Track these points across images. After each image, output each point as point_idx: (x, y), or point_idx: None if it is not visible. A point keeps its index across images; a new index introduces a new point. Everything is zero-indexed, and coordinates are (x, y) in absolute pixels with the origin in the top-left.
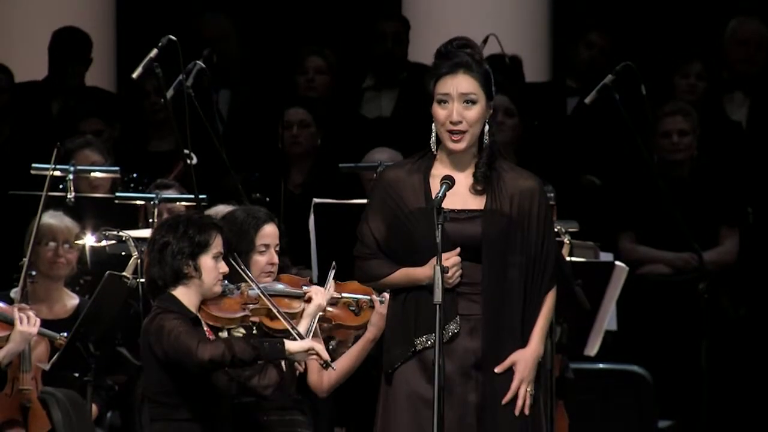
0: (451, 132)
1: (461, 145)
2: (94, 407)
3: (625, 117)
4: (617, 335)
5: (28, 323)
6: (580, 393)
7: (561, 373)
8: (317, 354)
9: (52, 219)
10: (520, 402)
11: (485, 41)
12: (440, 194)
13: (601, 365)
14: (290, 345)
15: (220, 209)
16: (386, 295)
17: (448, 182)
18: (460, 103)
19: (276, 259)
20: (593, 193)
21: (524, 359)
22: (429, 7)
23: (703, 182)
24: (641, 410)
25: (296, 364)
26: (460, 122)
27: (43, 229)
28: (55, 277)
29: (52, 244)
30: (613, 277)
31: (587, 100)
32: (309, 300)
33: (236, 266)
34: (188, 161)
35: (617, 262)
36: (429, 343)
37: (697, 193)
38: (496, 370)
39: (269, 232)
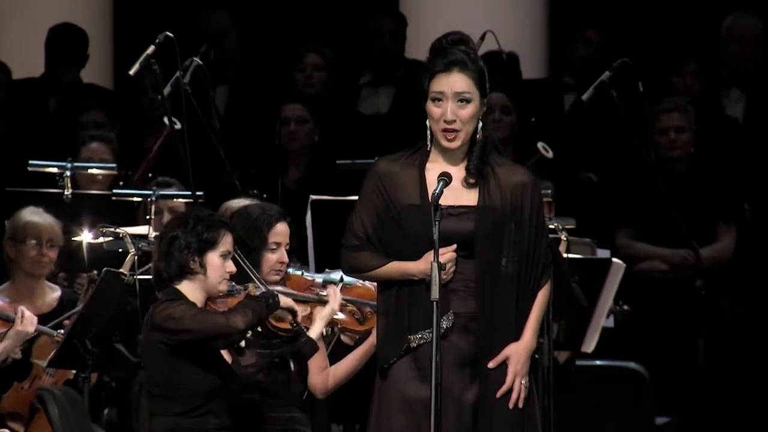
0: (445, 131)
1: (455, 144)
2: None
3: (623, 114)
4: (614, 332)
5: (23, 322)
6: (577, 390)
7: (566, 363)
8: (293, 314)
9: (34, 217)
10: (514, 395)
11: (482, 38)
12: (438, 191)
13: (598, 362)
14: (282, 299)
15: (236, 203)
16: None
17: (446, 179)
18: (454, 102)
19: (286, 258)
20: (590, 189)
21: (517, 353)
22: (426, 4)
23: (700, 179)
24: (638, 407)
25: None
26: (454, 121)
27: (26, 228)
28: (37, 275)
29: (35, 242)
30: (610, 273)
31: (584, 97)
32: (324, 303)
33: (250, 273)
34: (173, 126)
35: (614, 259)
36: (423, 340)
37: (694, 190)
38: (490, 364)
39: (281, 230)
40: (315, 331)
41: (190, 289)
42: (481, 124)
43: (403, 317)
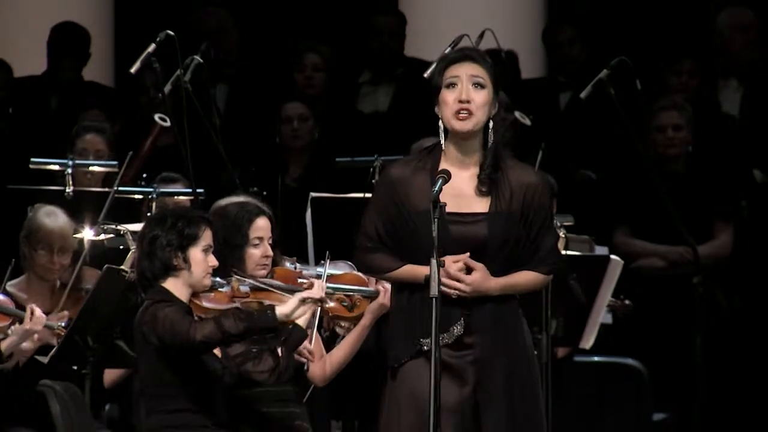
0: (458, 111)
1: (467, 125)
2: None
3: (621, 112)
4: (612, 328)
5: (32, 320)
6: (575, 386)
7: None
8: (311, 300)
9: (47, 221)
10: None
11: (481, 36)
12: (437, 188)
13: (596, 358)
14: (281, 309)
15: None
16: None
17: (444, 176)
18: (469, 84)
19: (270, 252)
20: (588, 187)
21: (483, 278)
22: (425, 2)
23: (697, 176)
24: (636, 403)
25: (301, 357)
26: (469, 102)
27: (38, 234)
28: (49, 279)
29: (45, 250)
30: (608, 270)
31: (583, 95)
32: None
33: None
34: (161, 122)
35: (612, 256)
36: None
37: (691, 187)
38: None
39: (262, 225)
40: (302, 318)
41: (175, 286)
42: (492, 124)
43: (415, 320)
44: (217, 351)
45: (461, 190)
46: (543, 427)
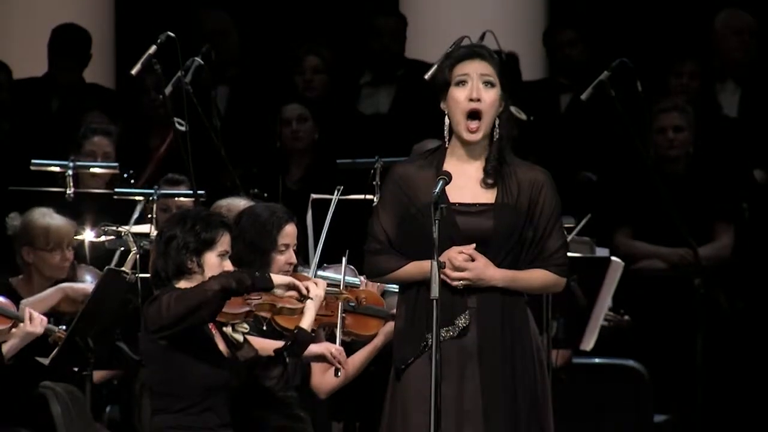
0: (469, 116)
1: (477, 136)
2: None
3: (621, 113)
4: (613, 330)
5: (32, 323)
6: (576, 388)
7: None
8: (296, 289)
9: (51, 222)
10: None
11: (482, 38)
12: (438, 190)
13: (597, 360)
14: (275, 277)
15: (233, 202)
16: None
17: (445, 178)
18: (480, 83)
19: (294, 259)
20: (589, 189)
21: (485, 265)
22: (426, 4)
23: (698, 178)
24: (638, 405)
25: (334, 363)
26: (479, 100)
27: (48, 236)
28: (59, 278)
29: (58, 249)
30: (609, 272)
31: (583, 97)
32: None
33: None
34: (179, 127)
35: (613, 258)
36: (440, 338)
37: (692, 189)
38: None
39: (290, 231)
40: (306, 321)
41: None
42: (498, 121)
43: (421, 317)
44: (225, 351)
45: (468, 182)
46: (550, 429)
